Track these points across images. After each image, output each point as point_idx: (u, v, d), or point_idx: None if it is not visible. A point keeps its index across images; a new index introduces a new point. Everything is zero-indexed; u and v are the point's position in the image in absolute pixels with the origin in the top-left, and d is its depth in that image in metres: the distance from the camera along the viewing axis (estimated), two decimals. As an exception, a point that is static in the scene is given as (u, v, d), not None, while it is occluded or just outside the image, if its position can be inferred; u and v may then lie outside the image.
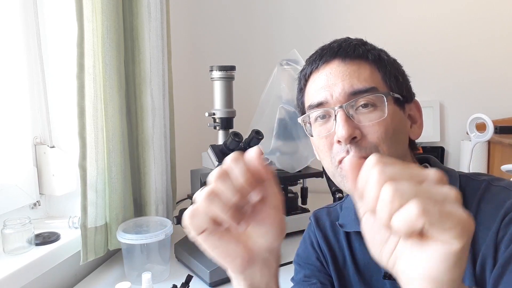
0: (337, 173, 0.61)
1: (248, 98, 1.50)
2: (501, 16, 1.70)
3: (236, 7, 1.89)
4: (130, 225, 1.07)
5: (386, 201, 0.31)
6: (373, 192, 0.32)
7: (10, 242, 0.90)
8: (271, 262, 0.45)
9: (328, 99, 0.60)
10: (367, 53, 0.61)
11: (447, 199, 0.32)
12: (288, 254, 1.09)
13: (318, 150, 0.64)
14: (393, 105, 0.60)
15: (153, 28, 1.18)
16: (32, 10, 1.03)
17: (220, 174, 0.40)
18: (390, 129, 0.58)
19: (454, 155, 1.78)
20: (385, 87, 0.60)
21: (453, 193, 0.32)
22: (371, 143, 0.57)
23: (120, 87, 1.09)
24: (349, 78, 0.59)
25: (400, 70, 0.65)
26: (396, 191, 0.31)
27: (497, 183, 0.59)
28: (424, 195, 0.31)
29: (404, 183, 0.32)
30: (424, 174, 0.33)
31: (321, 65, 0.62)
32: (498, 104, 1.72)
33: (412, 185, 0.32)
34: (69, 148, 1.09)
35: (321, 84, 0.61)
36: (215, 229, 0.41)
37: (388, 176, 0.32)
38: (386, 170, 0.33)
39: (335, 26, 1.80)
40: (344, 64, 0.60)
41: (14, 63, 1.03)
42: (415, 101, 0.66)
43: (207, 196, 0.39)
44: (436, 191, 0.32)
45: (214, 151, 1.10)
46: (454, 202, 0.32)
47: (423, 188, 0.32)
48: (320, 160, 0.66)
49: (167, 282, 1.01)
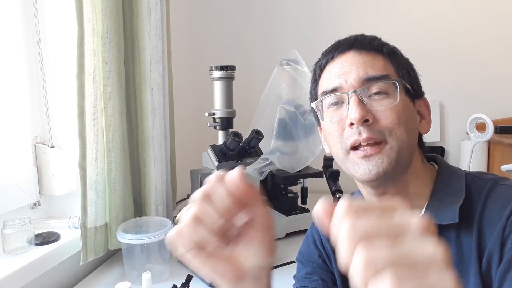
0: (347, 160, 0.61)
1: (248, 98, 1.50)
2: (501, 16, 1.70)
3: (236, 7, 1.89)
4: (130, 225, 1.07)
5: (358, 269, 0.27)
6: (344, 251, 0.29)
7: (10, 242, 0.90)
8: (263, 277, 0.44)
9: (343, 84, 0.61)
10: (382, 46, 0.64)
11: (432, 264, 0.27)
12: (289, 254, 1.09)
13: (329, 136, 0.64)
14: (404, 95, 0.61)
15: (153, 28, 1.18)
16: (32, 10, 1.03)
17: (204, 196, 0.39)
18: (402, 115, 0.60)
19: (454, 155, 1.78)
20: (397, 77, 0.62)
21: (438, 255, 0.27)
22: (384, 127, 0.58)
23: (120, 87, 1.09)
24: (363, 66, 0.61)
25: (411, 67, 0.66)
26: (369, 260, 0.27)
27: (503, 181, 0.60)
28: (403, 262, 0.27)
29: (379, 247, 0.27)
30: (405, 225, 0.28)
31: (337, 55, 0.64)
32: (498, 104, 1.72)
33: (388, 249, 0.27)
34: (69, 148, 1.09)
35: (336, 71, 0.63)
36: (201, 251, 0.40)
37: (360, 234, 0.28)
38: (358, 225, 0.28)
39: (335, 26, 1.80)
40: (359, 54, 0.62)
41: (14, 63, 1.03)
42: (424, 98, 0.68)
43: (191, 220, 0.38)
44: (418, 254, 0.27)
45: (214, 151, 1.10)
46: (441, 267, 0.27)
47: (402, 252, 0.27)
48: (330, 148, 0.66)
49: (167, 282, 1.01)
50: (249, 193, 0.40)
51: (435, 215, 0.59)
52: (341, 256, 0.29)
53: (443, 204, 0.60)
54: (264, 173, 1.34)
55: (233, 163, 1.11)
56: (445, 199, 0.60)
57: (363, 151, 0.59)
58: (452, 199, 0.60)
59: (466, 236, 0.57)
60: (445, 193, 0.61)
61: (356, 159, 0.59)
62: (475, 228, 0.57)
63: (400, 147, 0.59)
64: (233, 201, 0.38)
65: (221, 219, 0.38)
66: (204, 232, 0.38)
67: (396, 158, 0.59)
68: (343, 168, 0.64)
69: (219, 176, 0.40)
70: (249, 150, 1.12)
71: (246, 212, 0.41)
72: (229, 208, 0.38)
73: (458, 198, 0.59)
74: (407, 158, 0.61)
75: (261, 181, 1.37)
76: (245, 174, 0.39)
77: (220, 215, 0.38)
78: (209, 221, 0.38)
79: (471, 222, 0.58)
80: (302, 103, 1.30)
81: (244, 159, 1.12)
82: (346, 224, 0.29)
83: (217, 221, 0.38)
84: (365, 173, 0.59)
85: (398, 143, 0.59)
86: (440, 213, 0.59)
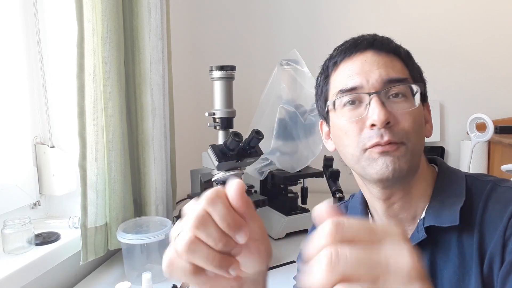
0: (363, 158, 0.60)
1: (248, 98, 1.50)
2: (501, 16, 1.70)
3: (236, 7, 1.89)
4: (130, 225, 1.07)
5: None
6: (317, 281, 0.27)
7: (10, 242, 0.90)
8: (259, 280, 0.44)
9: (364, 84, 0.60)
10: (399, 49, 0.64)
11: None
12: (289, 254, 1.09)
13: (344, 136, 0.62)
14: (419, 100, 0.62)
15: (153, 28, 1.18)
16: (32, 10, 1.03)
17: (199, 221, 0.35)
18: (418, 120, 0.60)
19: (454, 155, 1.78)
20: (413, 82, 0.62)
21: None
22: (403, 130, 0.58)
23: (120, 87, 1.09)
24: (384, 67, 0.61)
25: (421, 71, 0.67)
26: None
27: (503, 183, 0.60)
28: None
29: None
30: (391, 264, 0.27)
31: (355, 53, 0.63)
32: (498, 104, 1.72)
33: None
34: (69, 148, 1.09)
35: (355, 70, 0.62)
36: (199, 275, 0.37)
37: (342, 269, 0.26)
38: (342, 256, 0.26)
39: (335, 26, 1.80)
40: (378, 55, 0.62)
41: (14, 63, 1.03)
42: (427, 103, 0.68)
43: (187, 247, 0.35)
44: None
45: (214, 151, 1.10)
46: None
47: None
48: (341, 146, 0.64)
49: (167, 282, 1.01)
50: (248, 207, 0.38)
51: (436, 217, 0.59)
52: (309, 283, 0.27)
53: (444, 206, 0.60)
54: (264, 173, 1.34)
55: (233, 163, 1.11)
56: (446, 201, 0.60)
57: (382, 147, 0.58)
58: (453, 201, 0.60)
59: (467, 239, 0.57)
60: (446, 195, 0.61)
61: (374, 154, 0.58)
62: (476, 230, 0.57)
63: (414, 150, 0.59)
64: (234, 217, 0.36)
65: (221, 242, 0.35)
66: (203, 257, 0.35)
67: (410, 159, 0.59)
68: (356, 168, 0.62)
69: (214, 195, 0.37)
70: (249, 150, 1.12)
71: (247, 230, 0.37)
72: (231, 226, 0.36)
73: (459, 200, 0.59)
74: (418, 161, 0.61)
75: (261, 181, 1.38)
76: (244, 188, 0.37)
77: (220, 236, 0.35)
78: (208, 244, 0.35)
79: (472, 224, 0.57)
80: (302, 103, 1.30)
81: (244, 159, 1.12)
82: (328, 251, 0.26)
83: (217, 244, 0.35)
84: (382, 167, 0.58)
85: (413, 146, 0.59)
86: (440, 215, 0.59)
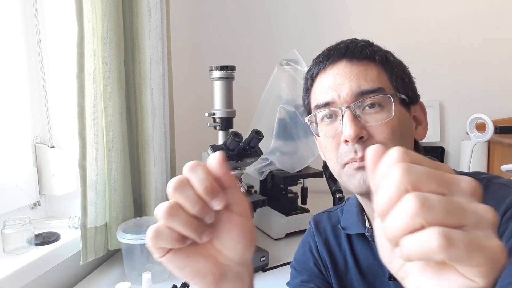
0: (342, 173, 0.60)
1: (248, 98, 1.50)
2: (501, 16, 1.70)
3: (236, 7, 1.89)
4: (130, 225, 1.07)
5: (405, 216, 0.25)
6: (388, 196, 0.26)
7: (10, 242, 0.90)
8: (244, 275, 0.42)
9: (335, 99, 0.60)
10: (374, 54, 0.61)
11: (480, 224, 0.25)
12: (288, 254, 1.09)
13: (325, 150, 0.64)
14: (399, 106, 0.60)
15: (153, 28, 1.18)
16: (32, 10, 1.03)
17: (178, 184, 0.37)
18: (397, 129, 0.58)
19: (454, 155, 1.78)
20: (391, 88, 0.61)
21: (489, 215, 0.26)
22: (379, 142, 0.57)
23: (120, 87, 1.09)
24: (356, 79, 0.59)
25: (406, 72, 0.65)
26: (423, 207, 0.24)
27: (496, 180, 0.59)
28: (454, 218, 0.25)
29: (432, 196, 0.25)
30: (456, 183, 0.27)
31: (328, 65, 0.62)
32: (498, 104, 1.72)
33: (442, 202, 0.25)
34: (69, 148, 1.09)
35: (328, 84, 0.61)
36: (181, 247, 0.38)
37: (413, 181, 0.26)
38: (412, 171, 0.26)
39: (335, 26, 1.80)
40: (351, 65, 0.60)
41: (14, 63, 1.03)
42: (420, 103, 0.66)
43: (166, 212, 0.36)
44: (469, 211, 0.25)
45: (214, 151, 1.09)
46: (489, 228, 0.25)
47: (454, 206, 0.25)
48: (326, 160, 0.66)
49: (167, 282, 1.01)
50: (227, 177, 0.38)
51: None
52: (378, 202, 0.27)
53: None
54: (264, 173, 1.34)
55: (233, 163, 1.11)
56: None
57: (357, 163, 0.58)
58: None
59: None
60: None
61: (351, 170, 0.59)
62: None
63: None
64: (209, 184, 0.36)
65: (198, 205, 0.36)
66: (182, 221, 0.36)
67: None
68: (339, 181, 0.63)
69: (193, 164, 0.37)
70: (249, 150, 1.12)
71: (222, 199, 0.37)
72: (208, 189, 0.36)
73: None
74: None
75: (261, 181, 1.37)
76: (225, 158, 0.38)
77: (196, 200, 0.36)
78: (185, 208, 0.36)
79: None
80: (302, 103, 1.30)
81: (244, 159, 1.12)
82: (400, 167, 0.26)
83: (193, 207, 0.36)
84: (360, 183, 0.58)
85: None
86: None
